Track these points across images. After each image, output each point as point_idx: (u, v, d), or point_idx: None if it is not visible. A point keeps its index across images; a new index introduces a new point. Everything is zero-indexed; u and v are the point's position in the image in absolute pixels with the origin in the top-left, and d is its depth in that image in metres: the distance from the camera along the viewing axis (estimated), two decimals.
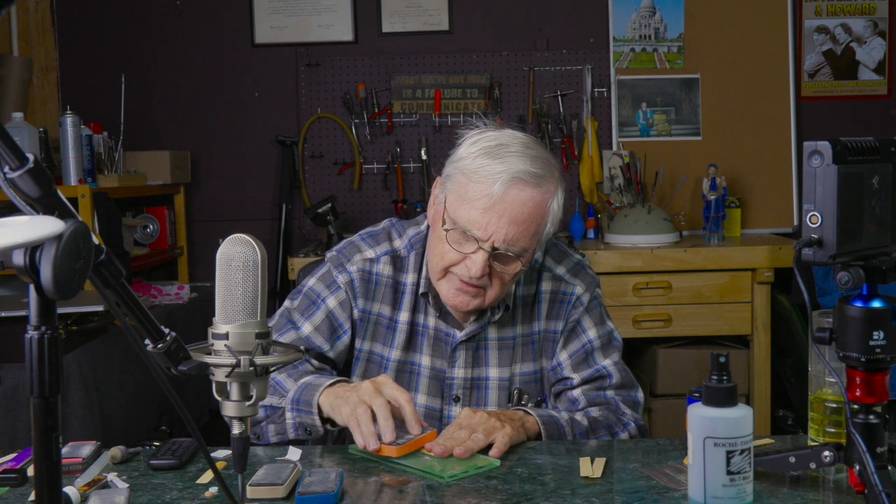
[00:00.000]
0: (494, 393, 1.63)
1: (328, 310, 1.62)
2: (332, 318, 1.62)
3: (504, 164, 1.45)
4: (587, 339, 1.64)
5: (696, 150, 3.79)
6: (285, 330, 1.61)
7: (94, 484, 1.27)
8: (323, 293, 1.63)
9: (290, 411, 1.48)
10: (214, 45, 3.83)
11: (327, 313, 1.62)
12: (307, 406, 1.45)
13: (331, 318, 1.62)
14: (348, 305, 1.62)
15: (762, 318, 3.28)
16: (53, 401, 0.74)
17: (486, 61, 3.81)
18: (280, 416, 1.50)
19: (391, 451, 1.34)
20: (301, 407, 1.46)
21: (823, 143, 1.05)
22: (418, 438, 1.37)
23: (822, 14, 3.83)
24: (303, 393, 1.47)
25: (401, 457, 1.34)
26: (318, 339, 1.60)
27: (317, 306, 1.63)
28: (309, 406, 1.45)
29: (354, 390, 1.40)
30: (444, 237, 1.50)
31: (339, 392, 1.42)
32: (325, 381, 1.47)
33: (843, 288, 1.08)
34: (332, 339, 1.61)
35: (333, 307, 1.62)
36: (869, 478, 1.07)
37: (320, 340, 1.60)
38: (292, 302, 1.66)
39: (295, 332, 1.61)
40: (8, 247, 0.70)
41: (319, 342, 1.60)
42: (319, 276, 1.65)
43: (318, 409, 1.44)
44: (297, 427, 1.48)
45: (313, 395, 1.45)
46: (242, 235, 0.99)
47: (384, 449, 1.35)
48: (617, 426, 1.58)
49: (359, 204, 3.85)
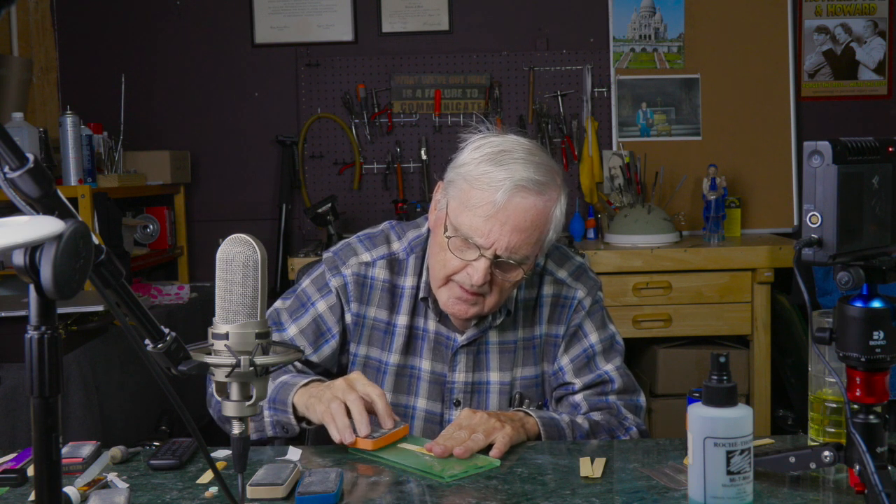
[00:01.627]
0: (495, 397, 1.63)
1: (317, 314, 1.61)
2: (319, 322, 1.61)
3: (507, 172, 1.44)
4: (589, 344, 1.63)
5: (696, 150, 3.79)
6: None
7: (94, 484, 1.27)
8: (313, 296, 1.62)
9: (267, 410, 1.49)
10: (214, 45, 3.83)
11: (315, 317, 1.61)
12: (283, 405, 1.46)
13: (318, 322, 1.61)
14: (339, 310, 1.61)
15: (762, 318, 3.28)
16: (53, 401, 0.74)
17: (486, 61, 3.81)
18: (259, 413, 1.50)
19: (367, 445, 1.37)
20: (277, 406, 1.48)
21: (823, 143, 1.05)
22: (393, 432, 1.39)
23: (822, 14, 3.82)
24: (279, 392, 1.48)
25: (376, 449, 1.36)
26: (302, 343, 1.60)
27: (305, 309, 1.62)
28: (284, 405, 1.46)
29: (328, 388, 1.42)
30: (445, 244, 1.50)
31: (313, 391, 1.44)
32: (300, 380, 1.48)
33: (843, 288, 1.08)
34: (318, 343, 1.61)
35: (322, 311, 1.61)
36: (869, 478, 1.07)
37: (304, 344, 1.60)
38: (284, 301, 1.65)
39: (279, 334, 1.61)
40: (8, 247, 0.70)
41: (302, 345, 1.60)
42: (313, 277, 1.65)
43: (294, 408, 1.45)
44: (274, 425, 1.50)
45: (288, 395, 1.46)
46: (242, 235, 1.00)
47: (360, 442, 1.37)
48: (618, 430, 1.57)
49: (359, 204, 3.85)
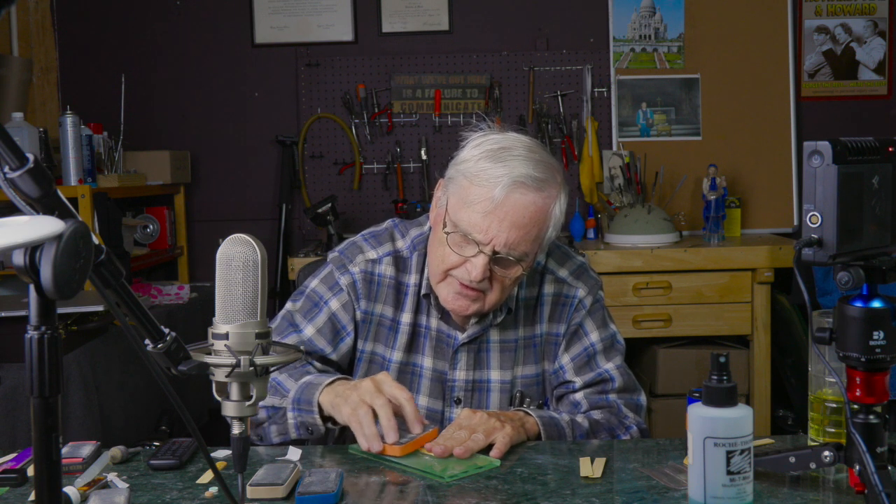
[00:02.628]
0: (496, 395, 1.63)
1: (331, 312, 1.61)
2: (334, 320, 1.61)
3: (506, 168, 1.44)
4: (589, 343, 1.63)
5: (696, 150, 3.79)
6: (287, 332, 1.60)
7: (94, 484, 1.27)
8: (325, 295, 1.62)
9: (291, 411, 1.48)
10: (214, 45, 3.83)
11: (330, 315, 1.61)
12: (308, 405, 1.45)
13: (333, 321, 1.61)
14: (351, 307, 1.61)
15: (762, 318, 3.28)
16: (53, 401, 0.74)
17: (486, 61, 3.81)
18: (282, 416, 1.50)
19: (394, 451, 1.34)
20: (302, 406, 1.46)
21: (823, 143, 1.05)
22: (420, 437, 1.37)
23: (822, 14, 3.82)
24: (303, 392, 1.47)
25: (404, 456, 1.34)
26: (321, 342, 1.60)
27: (319, 308, 1.62)
28: (310, 405, 1.45)
29: (354, 389, 1.40)
30: (444, 240, 1.50)
31: (339, 390, 1.42)
32: (324, 379, 1.47)
33: (843, 288, 1.08)
34: (335, 341, 1.61)
35: (336, 309, 1.61)
36: (869, 478, 1.07)
37: (322, 343, 1.60)
38: (294, 304, 1.65)
39: (297, 335, 1.60)
40: (8, 247, 0.70)
41: (322, 345, 1.60)
42: (322, 277, 1.64)
43: (319, 407, 1.44)
44: (298, 427, 1.48)
45: (314, 394, 1.44)
46: (242, 235, 0.99)
47: (387, 449, 1.35)
48: (619, 429, 1.57)
49: (359, 204, 3.85)
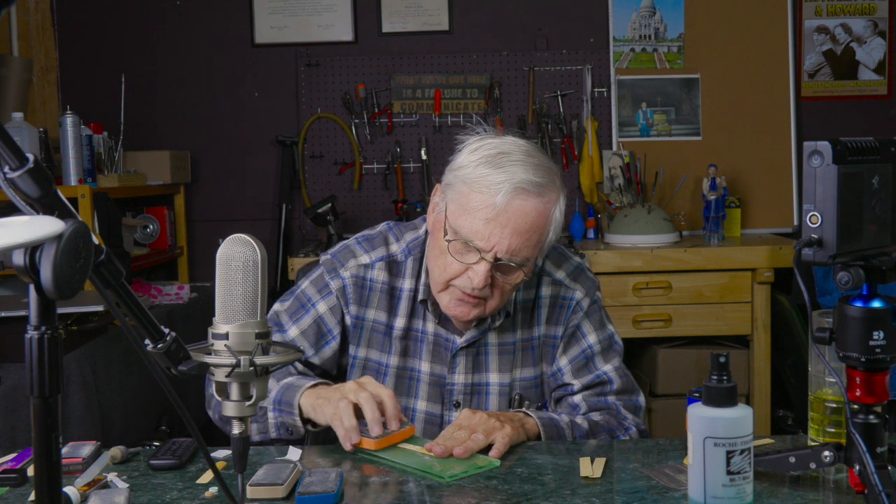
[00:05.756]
0: (495, 398, 1.62)
1: (317, 315, 1.61)
2: (320, 323, 1.61)
3: (506, 174, 1.44)
4: (587, 345, 1.63)
5: (696, 150, 3.79)
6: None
7: (94, 484, 1.27)
8: (314, 297, 1.62)
9: (271, 411, 1.49)
10: (214, 45, 3.83)
11: (316, 318, 1.61)
12: (288, 406, 1.46)
13: (319, 324, 1.61)
14: (339, 311, 1.61)
15: (762, 318, 3.28)
16: (53, 401, 0.74)
17: (486, 61, 3.81)
18: (263, 415, 1.51)
19: (370, 444, 1.37)
20: (283, 407, 1.47)
21: (823, 143, 1.05)
22: (397, 433, 1.39)
23: (822, 14, 3.82)
24: (284, 394, 1.48)
25: (379, 450, 1.36)
26: (303, 344, 1.60)
27: (306, 310, 1.62)
28: (290, 406, 1.46)
29: (337, 390, 1.42)
30: (445, 248, 1.49)
31: (321, 393, 1.44)
32: (306, 382, 1.48)
33: (843, 288, 1.08)
34: (319, 344, 1.61)
35: (323, 312, 1.61)
36: (869, 478, 1.07)
37: (305, 345, 1.60)
38: (283, 304, 1.65)
39: (280, 335, 1.60)
40: (8, 247, 0.70)
41: (304, 347, 1.59)
42: (312, 279, 1.64)
43: (300, 409, 1.45)
44: (278, 427, 1.50)
45: (294, 396, 1.46)
46: (242, 235, 0.99)
47: (363, 442, 1.37)
48: (618, 430, 1.57)
49: (359, 204, 3.85)
